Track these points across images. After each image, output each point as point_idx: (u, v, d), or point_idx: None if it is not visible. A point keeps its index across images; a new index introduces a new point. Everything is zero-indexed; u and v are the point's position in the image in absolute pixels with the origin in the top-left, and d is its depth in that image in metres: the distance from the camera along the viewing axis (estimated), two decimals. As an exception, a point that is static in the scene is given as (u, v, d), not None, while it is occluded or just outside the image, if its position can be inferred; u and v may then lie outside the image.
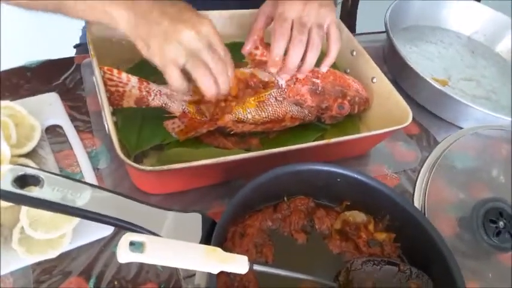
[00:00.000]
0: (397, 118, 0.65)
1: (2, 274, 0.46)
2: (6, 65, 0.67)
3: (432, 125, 0.78)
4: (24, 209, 0.49)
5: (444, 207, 0.57)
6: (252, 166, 0.59)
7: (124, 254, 0.37)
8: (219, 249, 0.42)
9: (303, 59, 0.62)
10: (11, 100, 0.59)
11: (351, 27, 1.10)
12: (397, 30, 0.93)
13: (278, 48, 0.61)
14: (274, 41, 0.61)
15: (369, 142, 0.67)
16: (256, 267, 0.43)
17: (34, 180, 0.41)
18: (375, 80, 0.71)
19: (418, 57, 0.92)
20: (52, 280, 0.47)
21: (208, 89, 0.53)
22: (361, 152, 0.70)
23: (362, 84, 0.70)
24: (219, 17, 0.73)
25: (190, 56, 0.51)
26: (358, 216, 0.57)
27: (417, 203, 0.56)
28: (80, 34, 0.97)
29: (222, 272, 0.47)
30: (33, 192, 0.40)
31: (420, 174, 0.57)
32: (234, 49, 0.74)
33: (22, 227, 0.48)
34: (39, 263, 0.48)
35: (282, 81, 0.65)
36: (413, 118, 0.63)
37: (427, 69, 0.89)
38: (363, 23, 1.06)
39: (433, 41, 0.98)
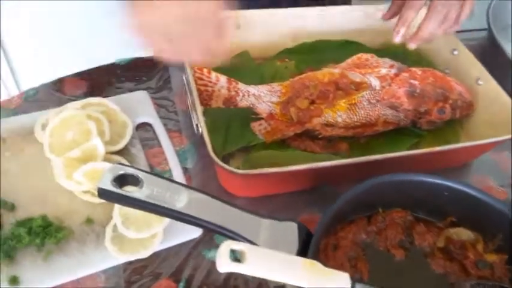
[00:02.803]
0: (504, 125, 0.58)
1: (94, 272, 0.47)
2: (97, 62, 0.68)
3: (542, 134, 0.70)
4: (117, 206, 0.49)
5: None
6: (342, 173, 0.55)
7: (225, 263, 0.35)
8: (318, 264, 0.39)
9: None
10: (102, 97, 0.60)
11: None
12: (498, 29, 0.84)
13: (409, 14, 0.59)
14: (406, 7, 0.59)
15: (474, 152, 0.61)
16: (359, 286, 0.40)
17: (133, 180, 0.40)
18: (480, 82, 0.64)
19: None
20: (143, 281, 0.47)
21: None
22: (463, 162, 0.63)
23: (466, 87, 0.63)
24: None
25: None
26: (464, 234, 0.51)
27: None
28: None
29: None
30: (134, 192, 0.39)
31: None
32: (318, 48, 0.72)
33: (115, 225, 0.48)
34: (130, 263, 0.48)
35: (376, 82, 0.61)
36: None
37: (533, 70, 0.79)
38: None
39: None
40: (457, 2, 0.59)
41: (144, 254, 0.48)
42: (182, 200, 0.40)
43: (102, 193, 0.39)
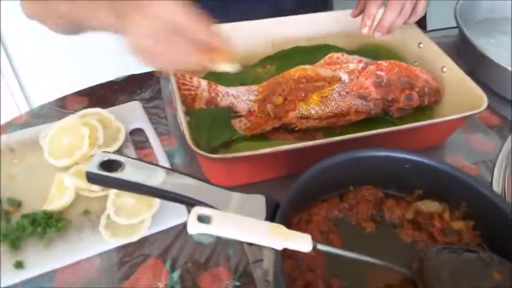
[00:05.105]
0: (472, 106, 0.61)
1: (90, 255, 0.52)
2: (98, 80, 0.76)
3: (516, 116, 0.73)
4: (111, 199, 0.55)
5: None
6: (317, 157, 0.59)
7: (193, 225, 0.39)
8: (282, 226, 0.43)
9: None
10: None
11: (422, 24, 1.07)
12: (471, 25, 0.89)
13: (373, 8, 0.67)
14: (369, 2, 0.67)
15: (442, 130, 0.64)
16: (320, 246, 0.43)
17: (117, 165, 0.46)
18: (445, 69, 0.68)
19: (497, 49, 0.86)
20: (133, 261, 0.52)
21: (179, 64, 0.52)
22: (435, 143, 0.66)
23: (432, 75, 0.68)
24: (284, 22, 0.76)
25: (161, 35, 0.48)
26: (431, 206, 0.54)
27: (496, 189, 0.52)
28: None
29: (288, 257, 0.48)
30: (117, 173, 0.45)
31: (499, 159, 0.53)
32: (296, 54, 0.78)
33: (108, 215, 0.54)
34: (122, 247, 0.53)
35: (345, 76, 0.66)
36: (494, 109, 0.59)
37: (507, 60, 0.83)
38: (434, 20, 1.04)
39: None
40: None
41: (134, 238, 0.53)
42: (159, 178, 0.45)
43: (90, 176, 0.45)
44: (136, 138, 0.66)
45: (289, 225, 0.51)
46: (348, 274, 0.48)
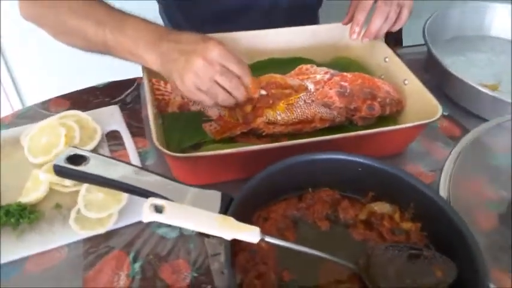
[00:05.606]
0: (429, 115, 0.65)
1: (58, 245, 0.55)
2: (81, 85, 0.80)
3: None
4: (82, 194, 0.58)
5: (468, 197, 0.56)
6: (279, 159, 0.63)
7: (147, 214, 0.43)
8: (232, 219, 0.46)
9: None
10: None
11: (398, 41, 1.12)
12: (440, 42, 0.94)
13: (361, 16, 0.73)
14: (357, 11, 0.73)
15: (400, 138, 0.68)
16: (268, 238, 0.47)
17: (82, 160, 0.50)
18: (406, 82, 0.72)
19: (465, 66, 0.91)
20: (98, 252, 0.55)
21: (225, 103, 0.61)
22: (396, 150, 0.70)
23: (395, 87, 0.72)
24: (252, 36, 0.81)
25: (207, 82, 0.58)
26: (383, 207, 0.57)
27: (443, 193, 0.55)
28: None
29: (243, 249, 0.51)
30: (81, 167, 0.48)
31: (445, 164, 0.56)
32: (271, 65, 0.82)
33: (78, 209, 0.57)
34: (89, 239, 0.56)
35: (311, 86, 0.70)
36: (456, 121, 0.63)
37: (474, 76, 0.87)
38: (414, 37, 1.08)
39: (483, 49, 0.96)
40: (395, 5, 0.73)
41: (101, 230, 0.56)
42: (120, 172, 0.49)
43: (56, 169, 0.48)
44: (112, 139, 0.70)
45: (249, 223, 0.54)
46: (299, 268, 0.51)
